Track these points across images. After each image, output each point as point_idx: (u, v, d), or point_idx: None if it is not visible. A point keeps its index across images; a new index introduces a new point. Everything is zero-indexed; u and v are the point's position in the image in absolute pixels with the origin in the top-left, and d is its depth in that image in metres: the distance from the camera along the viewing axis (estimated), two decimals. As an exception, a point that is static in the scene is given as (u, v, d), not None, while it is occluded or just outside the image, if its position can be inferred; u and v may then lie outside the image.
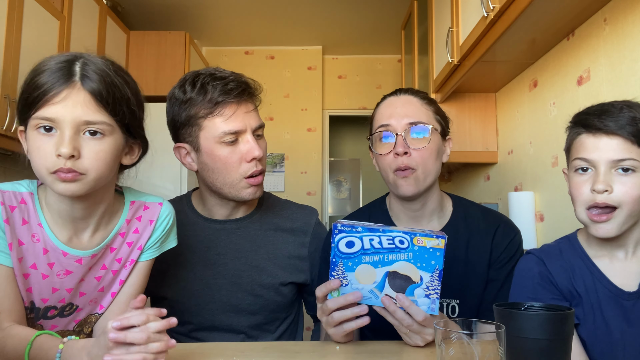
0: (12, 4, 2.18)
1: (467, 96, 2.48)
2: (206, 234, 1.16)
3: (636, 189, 0.84)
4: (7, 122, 2.13)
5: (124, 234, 0.91)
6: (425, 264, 0.84)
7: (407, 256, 0.84)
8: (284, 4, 3.79)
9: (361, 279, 0.86)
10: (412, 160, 1.04)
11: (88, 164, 0.78)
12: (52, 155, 0.76)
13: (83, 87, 0.78)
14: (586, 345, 0.90)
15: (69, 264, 0.85)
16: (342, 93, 4.81)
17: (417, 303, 0.84)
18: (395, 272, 0.85)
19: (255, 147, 1.06)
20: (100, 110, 0.79)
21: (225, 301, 1.12)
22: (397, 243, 0.84)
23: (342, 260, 0.86)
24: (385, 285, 0.85)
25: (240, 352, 0.90)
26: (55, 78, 0.77)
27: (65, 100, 0.77)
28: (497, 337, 0.63)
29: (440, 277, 0.84)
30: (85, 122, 0.78)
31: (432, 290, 0.84)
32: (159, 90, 3.60)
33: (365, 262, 0.85)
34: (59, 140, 0.76)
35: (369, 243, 0.85)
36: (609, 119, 0.86)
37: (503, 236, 1.10)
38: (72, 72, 0.79)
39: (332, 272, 0.86)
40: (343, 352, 0.90)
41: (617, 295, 0.89)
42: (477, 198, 2.67)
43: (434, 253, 0.84)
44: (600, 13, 1.54)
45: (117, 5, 3.62)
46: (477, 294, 1.09)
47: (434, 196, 1.12)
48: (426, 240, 0.84)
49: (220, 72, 1.08)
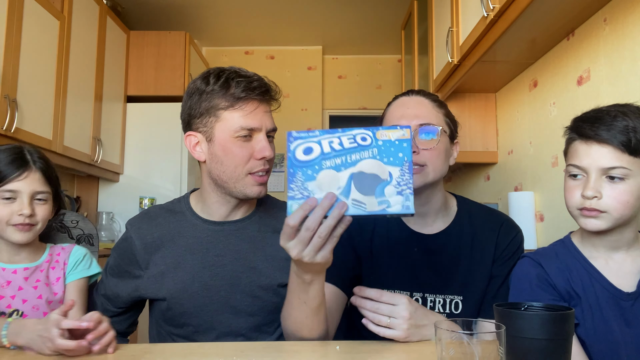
0: (12, 4, 2.19)
1: (467, 96, 2.48)
2: (205, 236, 1.16)
3: (625, 195, 0.87)
4: (7, 122, 2.13)
5: (49, 261, 1.19)
6: (392, 158, 0.76)
7: (371, 153, 0.76)
8: (284, 4, 3.79)
9: (324, 187, 0.77)
10: (422, 157, 1.06)
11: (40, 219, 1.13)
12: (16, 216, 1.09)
13: (36, 169, 1.11)
14: (585, 346, 0.91)
15: (7, 275, 1.12)
16: (342, 93, 4.81)
17: (389, 203, 0.75)
18: (361, 173, 0.76)
19: (267, 147, 1.08)
20: (46, 183, 1.14)
21: (224, 302, 1.12)
22: (359, 140, 0.77)
23: (301, 170, 0.78)
24: (352, 189, 0.76)
25: (240, 352, 0.90)
26: (15, 165, 1.09)
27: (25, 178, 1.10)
28: (497, 337, 0.63)
29: (410, 169, 0.76)
30: (37, 192, 1.11)
31: (404, 185, 0.76)
32: (159, 90, 3.60)
33: (327, 168, 0.77)
34: (19, 205, 1.09)
35: (329, 145, 0.77)
36: (601, 127, 0.89)
37: (506, 233, 1.12)
38: (26, 160, 1.11)
39: (291, 184, 0.78)
40: (343, 352, 0.90)
41: (615, 295, 0.90)
42: (477, 198, 2.67)
43: (400, 145, 0.76)
44: (600, 13, 1.54)
45: (117, 5, 3.62)
46: (481, 291, 1.10)
47: (439, 195, 1.13)
48: (390, 132, 0.76)
49: (245, 72, 1.12)
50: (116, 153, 3.38)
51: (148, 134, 3.51)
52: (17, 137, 2.21)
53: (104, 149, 3.11)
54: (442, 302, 1.10)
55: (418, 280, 1.11)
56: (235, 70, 1.11)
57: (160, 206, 1.23)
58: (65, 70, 2.68)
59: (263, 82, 1.11)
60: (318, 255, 0.78)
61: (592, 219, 0.90)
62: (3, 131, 2.11)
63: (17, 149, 1.13)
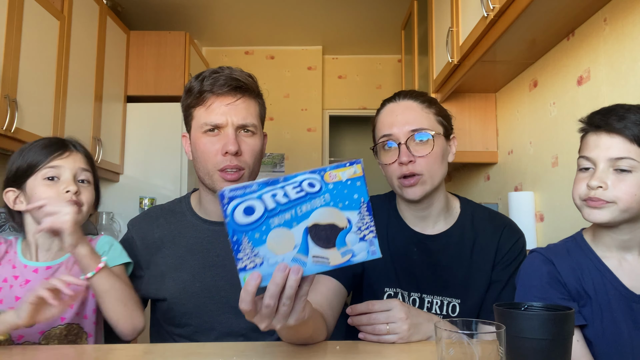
0: (12, 4, 2.18)
1: (467, 96, 2.48)
2: (205, 236, 1.16)
3: (632, 187, 0.85)
4: (7, 122, 2.13)
5: None
6: (348, 202, 0.67)
7: (323, 200, 0.67)
8: (284, 4, 3.79)
9: (277, 249, 0.67)
10: (417, 166, 1.04)
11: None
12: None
13: (78, 151, 1.10)
14: (592, 347, 0.89)
15: (28, 274, 1.05)
16: (342, 93, 4.81)
17: (353, 252, 0.68)
18: (315, 225, 0.67)
19: (230, 142, 1.06)
20: (88, 165, 1.11)
21: (224, 302, 1.12)
22: (306, 188, 0.66)
23: (246, 235, 0.65)
24: (310, 245, 0.67)
25: (240, 352, 0.90)
26: (56, 147, 1.07)
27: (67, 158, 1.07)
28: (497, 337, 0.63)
29: (369, 209, 0.68)
30: (81, 169, 1.08)
31: (366, 230, 0.68)
32: (159, 90, 3.60)
33: (276, 226, 0.66)
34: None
35: (272, 200, 0.66)
36: (612, 117, 0.87)
37: (508, 238, 1.11)
38: (66, 144, 1.10)
39: (238, 254, 0.66)
40: (343, 352, 0.90)
41: (627, 297, 0.88)
42: (477, 198, 2.67)
43: (353, 185, 0.67)
44: (600, 13, 1.54)
45: (117, 5, 3.62)
46: (479, 294, 1.09)
47: (440, 198, 1.12)
48: (339, 172, 0.67)
49: (223, 69, 1.11)
50: (116, 153, 3.38)
51: (148, 134, 3.51)
52: (17, 137, 2.21)
53: (104, 149, 3.11)
54: (440, 304, 1.10)
55: (416, 280, 1.11)
56: (216, 69, 1.11)
57: (161, 206, 1.24)
58: (65, 70, 2.68)
59: (230, 76, 1.09)
60: (290, 320, 0.70)
61: (595, 209, 0.88)
62: (3, 131, 2.11)
63: (55, 137, 1.11)
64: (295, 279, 0.66)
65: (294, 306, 0.69)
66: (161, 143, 3.50)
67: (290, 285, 0.66)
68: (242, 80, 1.10)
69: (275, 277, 0.66)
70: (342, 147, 6.53)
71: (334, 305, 1.05)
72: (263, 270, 0.67)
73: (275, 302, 0.67)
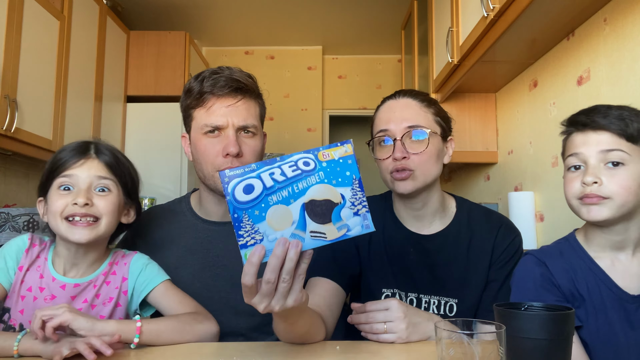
0: (12, 4, 2.19)
1: (467, 96, 2.48)
2: (205, 236, 1.16)
3: (627, 180, 0.85)
4: (7, 122, 2.13)
5: (106, 273, 1.03)
6: (341, 179, 0.71)
7: (318, 177, 0.71)
8: (284, 4, 3.80)
9: (276, 225, 0.70)
10: (411, 162, 1.05)
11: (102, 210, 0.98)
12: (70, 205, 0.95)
13: (97, 157, 1.00)
14: (588, 348, 0.89)
15: (55, 288, 0.99)
16: (342, 93, 4.81)
17: (349, 226, 0.71)
18: (312, 201, 0.70)
19: (231, 144, 1.06)
20: (109, 172, 1.00)
21: (224, 302, 1.12)
22: (302, 166, 0.71)
23: (246, 212, 0.69)
24: (307, 221, 0.70)
25: (240, 352, 0.89)
26: (74, 153, 0.99)
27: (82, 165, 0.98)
28: (497, 337, 0.63)
29: (361, 186, 0.72)
30: (97, 177, 0.98)
31: (359, 205, 0.72)
32: (159, 90, 3.60)
33: (275, 203, 0.70)
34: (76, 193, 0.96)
35: (270, 178, 0.70)
36: (597, 115, 0.88)
37: (504, 237, 1.11)
38: (88, 149, 1.01)
39: (239, 231, 0.69)
40: (343, 352, 0.90)
41: (621, 297, 0.88)
42: (477, 198, 2.67)
43: (345, 163, 0.71)
44: (600, 13, 1.54)
45: (117, 5, 3.62)
46: (476, 294, 1.09)
47: (435, 197, 1.12)
48: (332, 151, 0.71)
49: (223, 69, 1.11)
50: (116, 153, 3.38)
51: (148, 134, 3.51)
52: (17, 137, 2.21)
53: (104, 149, 3.11)
54: (437, 304, 1.09)
55: (413, 280, 1.11)
56: (215, 70, 1.11)
57: (162, 206, 1.24)
58: (65, 70, 2.68)
59: (230, 77, 1.09)
60: (289, 300, 0.71)
61: (594, 206, 0.86)
62: (3, 131, 2.11)
63: (84, 141, 1.03)
64: (295, 251, 0.68)
65: (293, 284, 0.71)
66: (161, 143, 3.50)
67: (290, 258, 0.68)
68: (243, 81, 1.10)
69: (275, 250, 0.68)
70: (342, 147, 6.53)
71: (333, 306, 1.05)
72: (264, 245, 0.69)
73: (276, 277, 0.68)
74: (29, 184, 2.75)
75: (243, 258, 0.69)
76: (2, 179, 2.54)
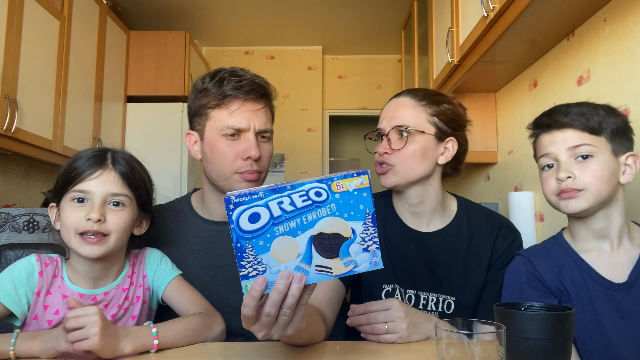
0: (12, 4, 2.19)
1: (467, 96, 2.48)
2: (205, 236, 1.16)
3: (597, 171, 0.90)
4: (7, 122, 2.13)
5: (130, 275, 1.05)
6: (353, 212, 0.67)
7: (329, 209, 0.67)
8: (284, 4, 3.79)
9: (281, 257, 0.67)
10: (391, 158, 1.10)
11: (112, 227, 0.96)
12: (82, 220, 0.93)
13: (114, 168, 0.98)
14: (578, 343, 0.91)
15: (86, 304, 0.96)
16: (342, 93, 4.81)
17: (356, 262, 0.68)
18: (320, 234, 0.67)
19: (253, 147, 1.08)
20: (125, 185, 0.98)
21: (224, 302, 1.12)
22: (313, 197, 0.66)
23: (250, 242, 0.66)
24: (313, 254, 0.67)
25: (240, 352, 0.90)
26: (90, 162, 0.96)
27: (98, 177, 0.96)
28: (497, 337, 0.63)
29: (374, 221, 0.68)
30: (111, 194, 0.96)
31: (370, 241, 0.68)
32: (159, 90, 3.60)
33: (281, 234, 0.66)
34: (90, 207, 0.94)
35: (278, 208, 0.66)
36: (558, 115, 0.94)
37: (504, 238, 1.12)
38: (105, 158, 0.98)
39: (241, 261, 0.66)
40: (343, 352, 0.90)
41: (607, 287, 0.91)
42: (477, 198, 2.67)
43: (359, 195, 0.67)
44: (600, 13, 1.54)
45: (117, 5, 3.62)
46: (474, 293, 1.10)
47: (434, 195, 1.13)
48: (347, 182, 0.67)
49: (241, 71, 1.12)
50: (116, 153, 3.38)
51: (148, 134, 3.51)
52: (17, 137, 2.21)
53: (104, 149, 3.12)
54: (435, 301, 1.10)
55: (412, 277, 1.12)
56: (232, 70, 1.12)
57: (162, 206, 1.24)
58: (65, 70, 2.68)
59: (254, 81, 1.10)
60: (288, 330, 0.70)
61: (571, 199, 0.91)
62: (3, 131, 2.11)
63: (101, 149, 1.01)
64: (298, 287, 0.66)
65: (294, 316, 0.69)
66: (161, 143, 3.50)
67: (293, 294, 0.66)
68: (266, 87, 1.13)
69: (278, 284, 0.65)
70: (342, 147, 6.53)
71: (333, 301, 1.06)
72: (266, 278, 0.67)
73: (277, 310, 0.66)
74: (29, 184, 2.75)
75: (244, 289, 0.67)
76: (2, 179, 2.53)
